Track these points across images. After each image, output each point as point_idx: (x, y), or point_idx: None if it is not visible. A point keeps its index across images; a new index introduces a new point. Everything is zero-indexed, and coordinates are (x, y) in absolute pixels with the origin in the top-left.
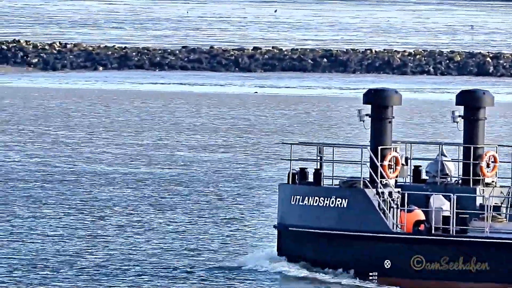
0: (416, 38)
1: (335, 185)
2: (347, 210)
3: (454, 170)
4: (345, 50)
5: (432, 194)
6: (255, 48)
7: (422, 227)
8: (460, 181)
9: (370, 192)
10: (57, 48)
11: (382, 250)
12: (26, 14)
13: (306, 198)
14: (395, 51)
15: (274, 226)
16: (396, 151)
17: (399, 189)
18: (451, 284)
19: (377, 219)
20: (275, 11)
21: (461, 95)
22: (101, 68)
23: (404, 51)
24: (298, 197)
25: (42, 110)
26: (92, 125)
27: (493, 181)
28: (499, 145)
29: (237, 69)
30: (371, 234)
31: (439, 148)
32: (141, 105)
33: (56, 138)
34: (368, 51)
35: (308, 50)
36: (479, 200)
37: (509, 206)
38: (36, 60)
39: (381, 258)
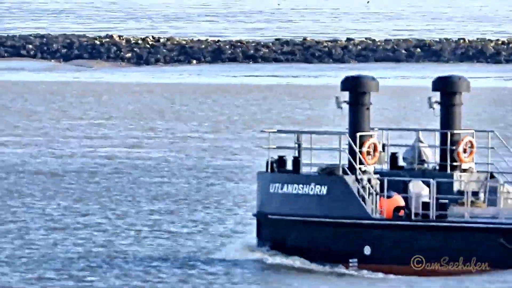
0: (509, 27)
1: (314, 172)
2: (327, 197)
3: (432, 156)
4: (438, 39)
5: (411, 180)
6: (348, 39)
7: (401, 213)
8: (437, 167)
9: (349, 178)
10: (150, 42)
11: (362, 237)
12: (119, 9)
13: (285, 186)
14: (489, 40)
15: (254, 215)
16: (373, 137)
17: (378, 175)
18: (433, 266)
19: (356, 206)
20: (368, 1)
21: (437, 81)
22: (194, 61)
23: (498, 39)
24: (277, 185)
25: (146, 104)
26: (208, 120)
27: (470, 167)
28: (476, 131)
29: (330, 60)
30: (350, 221)
31: (416, 134)
32: (252, 99)
33: (182, 133)
34: (461, 40)
35: (401, 40)
36: (457, 186)
37: (487, 191)
38: (129, 54)
39: (361, 244)
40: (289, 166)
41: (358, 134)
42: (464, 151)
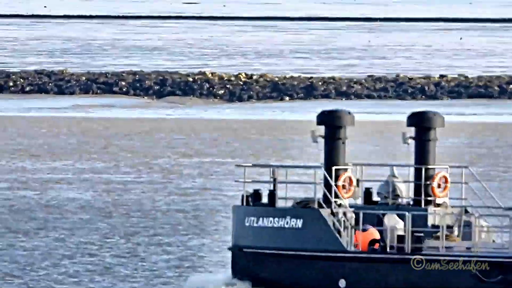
0: None
1: (289, 206)
2: (302, 230)
3: (406, 191)
4: None
5: (386, 213)
6: (441, 76)
7: (377, 246)
8: (411, 202)
9: (325, 212)
10: (242, 79)
11: (337, 270)
12: (211, 45)
13: (261, 219)
14: None
15: (229, 248)
16: (348, 171)
17: (353, 209)
18: None
19: (332, 239)
20: (461, 38)
21: (412, 117)
22: (287, 98)
23: None
24: (252, 218)
25: (252, 142)
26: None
27: (444, 202)
28: (450, 166)
29: (423, 96)
30: (326, 254)
31: (390, 169)
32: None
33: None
34: None
35: (494, 77)
36: (431, 220)
37: (462, 225)
38: (222, 91)
39: (337, 277)
40: (265, 199)
41: (333, 168)
42: (439, 186)
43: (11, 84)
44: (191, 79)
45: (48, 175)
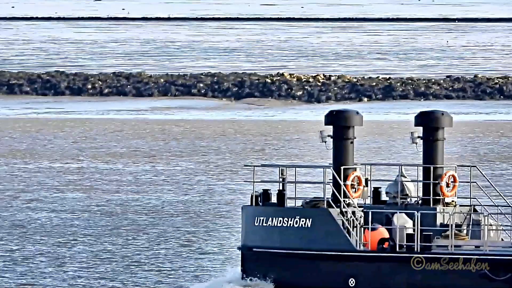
0: None
1: (298, 205)
2: (311, 230)
3: (414, 190)
4: None
5: (396, 212)
6: None
7: (386, 245)
8: (420, 202)
9: (334, 211)
10: (321, 80)
11: (346, 269)
12: (289, 47)
13: (270, 219)
14: None
15: (238, 248)
16: (357, 170)
17: (362, 208)
18: None
19: (341, 238)
20: None
21: (419, 116)
22: (365, 99)
23: None
24: (261, 218)
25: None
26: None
27: (453, 201)
28: (458, 165)
29: (501, 97)
30: (335, 253)
31: (399, 169)
32: None
33: None
34: None
35: None
36: (439, 219)
37: (470, 224)
38: (300, 92)
39: (346, 276)
40: (274, 199)
41: (342, 168)
42: (447, 185)
43: (89, 86)
44: (269, 81)
45: (145, 177)
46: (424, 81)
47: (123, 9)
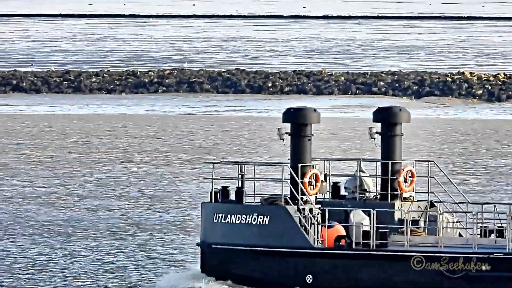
0: None
1: (256, 202)
2: (269, 227)
3: (373, 185)
4: None
5: (352, 210)
6: None
7: (343, 242)
8: (378, 196)
9: (291, 208)
10: (501, 79)
11: (304, 266)
12: (470, 46)
13: (229, 216)
14: None
15: (198, 244)
16: (315, 168)
17: (320, 205)
18: None
19: (298, 235)
20: None
21: (377, 112)
22: None
23: None
24: (220, 215)
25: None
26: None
27: (411, 196)
28: (416, 160)
29: None
30: (292, 250)
31: (358, 164)
32: None
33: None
34: None
35: None
36: (397, 215)
37: (427, 220)
38: (480, 91)
39: (303, 273)
40: (233, 196)
41: (299, 165)
42: (405, 180)
43: (269, 84)
44: (449, 79)
45: None
46: None
47: (304, 7)
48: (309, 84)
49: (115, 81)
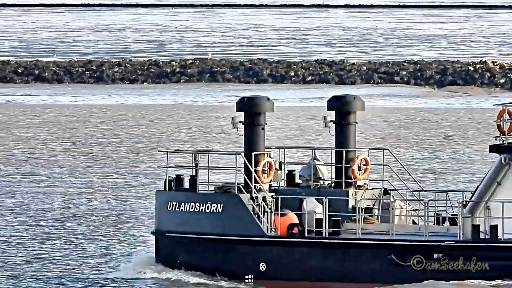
0: None
1: (210, 191)
2: (223, 215)
3: (327, 173)
4: None
5: (305, 198)
6: None
7: (296, 230)
8: (332, 184)
9: (245, 197)
10: None
11: (257, 254)
12: (492, 34)
13: (183, 204)
14: None
15: (152, 233)
16: (269, 156)
17: (273, 194)
18: (326, 284)
19: (251, 223)
20: None
21: (331, 101)
22: None
23: None
24: (174, 203)
25: None
26: None
27: (365, 184)
28: (370, 148)
29: None
30: (246, 238)
31: (312, 152)
32: None
33: None
34: None
35: None
36: (351, 203)
37: (380, 208)
38: (503, 80)
39: (257, 261)
40: (187, 185)
41: (253, 154)
42: (359, 168)
43: (292, 74)
44: (472, 68)
45: None
46: None
47: None
48: (331, 74)
49: (137, 71)
